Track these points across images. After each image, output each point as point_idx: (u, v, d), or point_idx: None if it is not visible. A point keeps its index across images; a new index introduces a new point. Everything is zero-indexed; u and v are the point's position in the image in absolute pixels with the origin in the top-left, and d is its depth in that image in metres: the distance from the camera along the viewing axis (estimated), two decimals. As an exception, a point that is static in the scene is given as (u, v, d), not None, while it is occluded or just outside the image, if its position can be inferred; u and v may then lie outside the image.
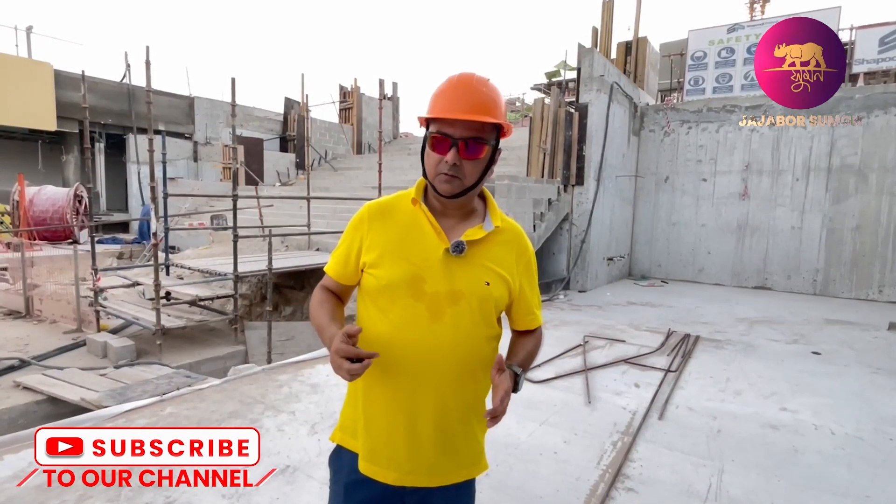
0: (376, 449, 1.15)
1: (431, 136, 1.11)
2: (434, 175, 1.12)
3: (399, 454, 1.13)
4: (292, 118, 17.81)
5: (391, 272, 1.12)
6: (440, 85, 1.14)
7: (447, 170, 1.09)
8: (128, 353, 5.22)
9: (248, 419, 3.08)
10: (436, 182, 1.13)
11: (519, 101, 27.99)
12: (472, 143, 1.09)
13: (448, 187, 1.11)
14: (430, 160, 1.13)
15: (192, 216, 11.72)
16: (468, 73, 1.14)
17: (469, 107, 1.08)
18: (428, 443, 1.13)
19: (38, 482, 2.33)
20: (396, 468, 1.14)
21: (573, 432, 3.11)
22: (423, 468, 1.14)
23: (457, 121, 1.08)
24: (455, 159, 1.08)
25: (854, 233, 8.45)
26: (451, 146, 1.09)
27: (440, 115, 1.09)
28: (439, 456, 1.15)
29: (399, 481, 1.14)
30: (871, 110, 8.23)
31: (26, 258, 7.07)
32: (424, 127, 1.16)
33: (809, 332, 6.03)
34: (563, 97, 9.29)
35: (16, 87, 12.73)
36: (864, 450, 3.01)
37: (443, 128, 1.09)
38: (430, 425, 1.13)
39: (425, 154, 1.14)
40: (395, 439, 1.13)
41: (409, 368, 1.11)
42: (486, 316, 1.15)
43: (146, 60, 5.58)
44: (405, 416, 1.12)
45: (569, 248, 8.39)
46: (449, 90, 1.11)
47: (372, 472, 1.15)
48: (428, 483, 1.15)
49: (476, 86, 1.11)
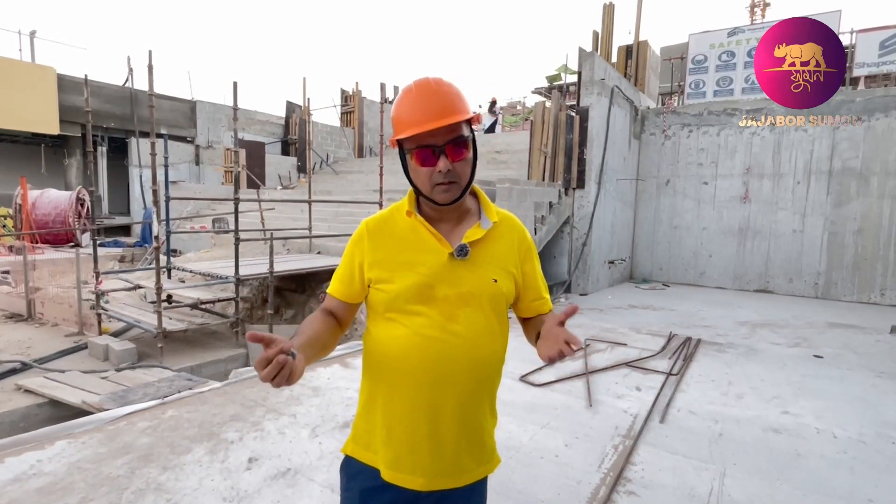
0: (400, 457, 1.14)
1: (415, 151, 1.09)
2: (430, 188, 1.11)
3: (423, 458, 1.13)
4: (294, 122, 17.86)
5: (399, 284, 1.12)
6: (400, 100, 1.11)
7: (443, 179, 1.08)
8: (129, 355, 5.22)
9: (249, 422, 3.08)
10: (434, 194, 1.11)
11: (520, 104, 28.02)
12: (455, 145, 1.08)
13: (448, 195, 1.11)
14: (420, 175, 1.11)
15: (194, 219, 11.75)
16: (422, 79, 1.12)
17: (440, 111, 1.06)
18: (451, 444, 1.14)
19: (40, 484, 2.34)
20: (422, 473, 1.13)
21: (574, 435, 3.10)
22: (446, 470, 1.14)
23: (435, 129, 1.06)
24: (448, 166, 1.07)
25: (856, 236, 8.44)
26: (438, 155, 1.07)
27: (417, 131, 1.06)
28: (461, 455, 1.15)
29: (427, 486, 1.13)
30: (872, 113, 8.24)
31: (28, 261, 7.09)
32: (397, 148, 1.14)
33: (811, 335, 6.01)
34: (564, 100, 9.30)
35: (19, 91, 12.79)
36: (866, 454, 3.00)
37: (423, 140, 1.07)
38: (452, 426, 1.13)
39: (412, 171, 1.12)
40: (418, 443, 1.13)
41: (427, 372, 1.11)
42: (497, 312, 1.17)
43: (149, 64, 5.61)
44: (427, 420, 1.12)
45: (570, 251, 8.39)
46: (413, 101, 1.09)
47: (398, 480, 1.14)
48: (454, 484, 1.15)
49: (436, 88, 1.09)
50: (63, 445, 2.70)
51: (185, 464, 2.57)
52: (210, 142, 16.35)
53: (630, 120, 9.54)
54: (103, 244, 11.29)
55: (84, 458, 2.59)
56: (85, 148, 6.66)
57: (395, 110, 1.12)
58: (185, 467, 2.54)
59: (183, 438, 2.84)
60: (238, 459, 2.64)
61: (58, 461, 2.54)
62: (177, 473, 2.48)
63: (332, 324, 1.20)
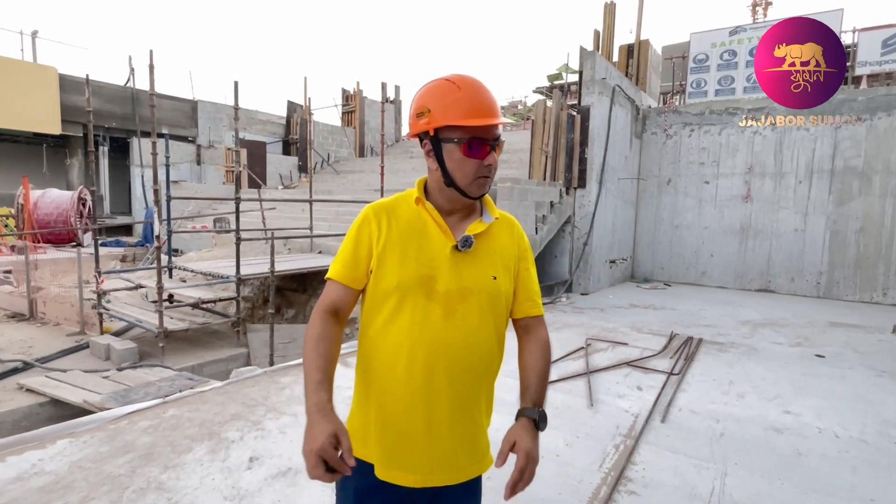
0: (394, 453, 1.14)
1: (468, 142, 1.10)
2: (472, 179, 1.14)
3: (417, 455, 1.13)
4: (295, 121, 17.87)
5: (401, 274, 1.12)
6: (443, 89, 1.12)
7: (486, 172, 1.14)
8: (130, 355, 5.23)
9: (250, 421, 3.08)
10: (472, 186, 1.14)
11: (521, 103, 28.01)
12: (497, 142, 1.15)
13: (483, 188, 1.17)
14: (465, 166, 1.12)
15: (195, 219, 11.77)
16: (470, 77, 1.15)
17: (492, 109, 1.13)
18: (446, 441, 1.14)
19: (42, 483, 2.34)
20: (416, 470, 1.13)
21: (575, 435, 3.10)
22: (440, 467, 1.15)
23: (493, 125, 1.12)
24: (493, 160, 1.14)
25: (858, 235, 8.42)
26: (489, 150, 1.13)
27: (481, 123, 1.10)
28: (457, 453, 1.16)
29: (420, 483, 1.13)
30: (875, 112, 8.21)
31: (30, 261, 7.10)
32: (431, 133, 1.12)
33: (813, 334, 6.00)
34: (566, 100, 9.29)
35: (21, 91, 12.81)
36: (868, 453, 2.99)
37: (477, 133, 1.11)
38: (447, 424, 1.13)
39: (454, 161, 1.12)
40: (413, 440, 1.13)
41: (425, 368, 1.11)
42: (494, 311, 1.17)
43: (150, 64, 5.61)
44: (423, 416, 1.12)
45: (571, 250, 8.38)
46: (469, 96, 1.11)
47: (391, 477, 1.14)
48: (447, 482, 1.16)
49: (485, 89, 1.15)
50: (64, 444, 2.71)
51: (186, 463, 2.57)
52: (211, 141, 16.36)
53: (631, 119, 9.52)
54: (105, 244, 11.31)
55: (85, 457, 2.59)
56: (86, 148, 6.67)
57: (435, 100, 1.12)
58: (186, 466, 2.54)
59: (184, 438, 2.84)
60: (239, 459, 2.64)
61: (59, 460, 2.55)
62: (178, 472, 2.48)
63: (338, 334, 1.16)
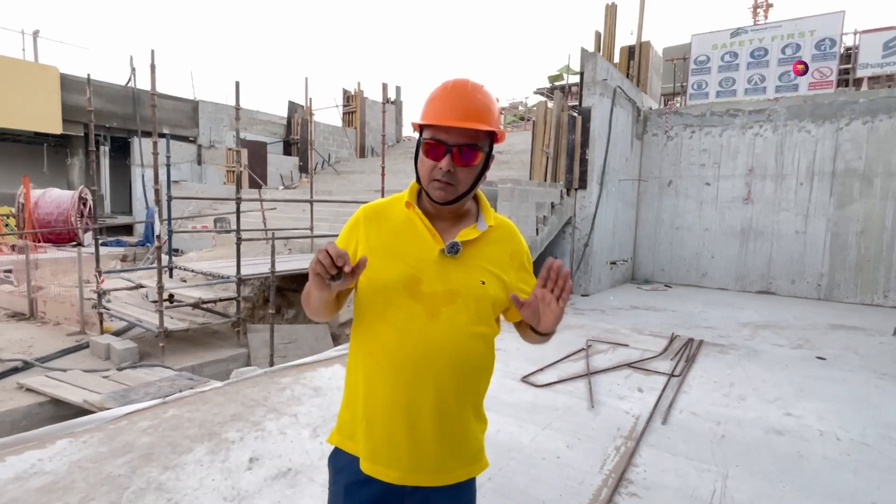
0: (378, 449, 1.15)
1: (425, 141, 1.11)
2: (428, 181, 1.13)
3: (401, 453, 1.14)
4: (296, 122, 17.88)
5: (387, 274, 1.13)
6: (434, 90, 1.14)
7: (441, 176, 1.09)
8: (131, 355, 5.23)
9: (250, 422, 3.08)
10: (429, 189, 1.13)
11: (522, 104, 28.01)
12: (467, 150, 1.09)
13: (442, 194, 1.12)
14: (423, 166, 1.13)
15: (196, 219, 11.78)
16: (462, 80, 1.14)
17: (464, 113, 1.08)
18: (429, 441, 1.14)
19: (41, 483, 2.34)
20: (398, 467, 1.14)
21: (576, 437, 3.09)
22: (424, 467, 1.15)
23: (451, 127, 1.08)
24: (449, 166, 1.09)
25: (859, 237, 8.41)
26: (445, 153, 1.09)
27: (434, 122, 1.09)
28: (441, 454, 1.15)
29: (401, 480, 1.14)
30: (876, 114, 8.21)
31: (31, 260, 7.11)
32: (418, 132, 1.16)
33: (814, 336, 5.99)
34: (566, 101, 9.29)
35: (22, 91, 12.84)
36: (869, 455, 2.98)
37: (437, 134, 1.09)
38: (431, 424, 1.13)
39: (419, 160, 1.14)
40: (396, 438, 1.13)
41: (408, 368, 1.11)
42: (481, 314, 1.16)
43: (151, 64, 5.62)
44: (406, 415, 1.13)
45: (571, 251, 8.38)
46: (443, 96, 1.11)
47: (374, 472, 1.15)
48: (430, 482, 1.16)
49: (471, 92, 1.11)
50: (64, 444, 2.70)
51: (185, 463, 2.57)
52: (212, 141, 16.38)
53: (632, 120, 9.52)
54: (105, 243, 11.32)
55: (85, 457, 2.59)
56: (87, 147, 6.67)
57: (427, 99, 1.14)
58: (185, 467, 2.54)
59: (184, 438, 2.84)
60: (239, 459, 2.63)
61: (59, 460, 2.54)
62: (177, 473, 2.48)
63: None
